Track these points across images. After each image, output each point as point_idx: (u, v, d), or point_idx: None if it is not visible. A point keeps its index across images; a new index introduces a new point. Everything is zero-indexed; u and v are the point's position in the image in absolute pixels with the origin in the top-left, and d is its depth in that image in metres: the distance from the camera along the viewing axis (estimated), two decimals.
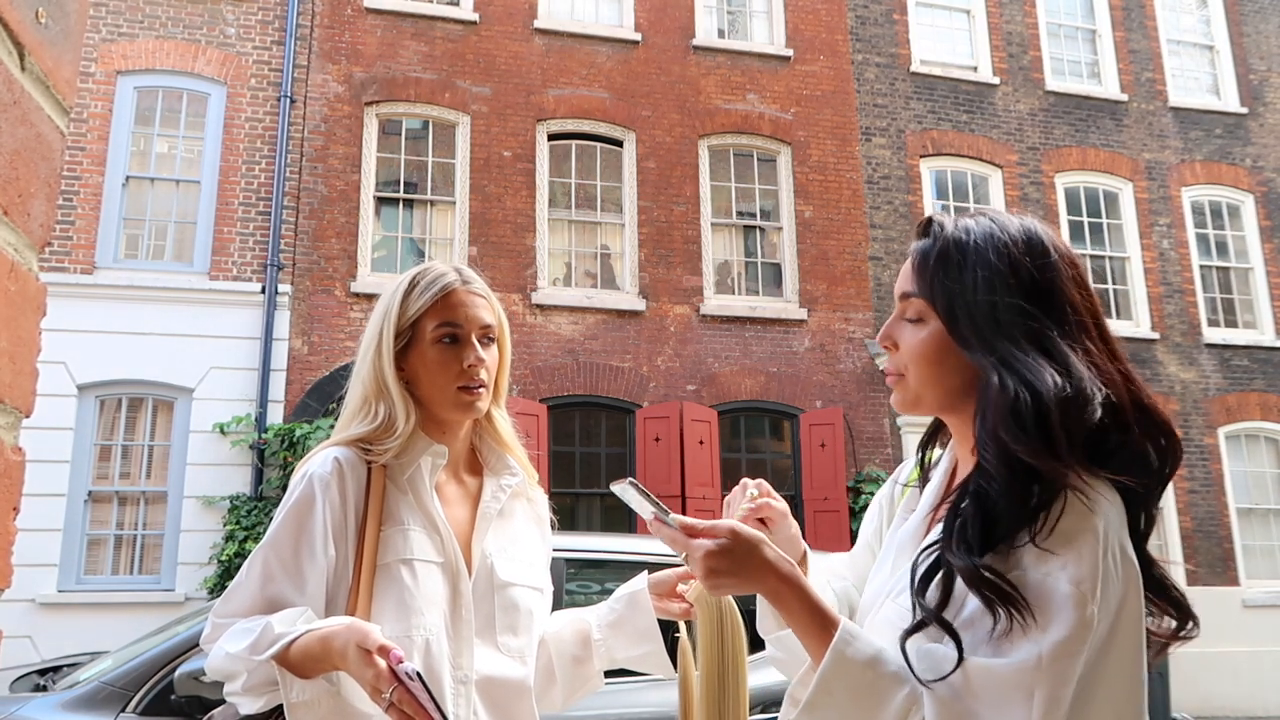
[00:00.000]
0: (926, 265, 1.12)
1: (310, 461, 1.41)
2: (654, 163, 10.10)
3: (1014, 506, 0.99)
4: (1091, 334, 1.07)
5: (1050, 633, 0.92)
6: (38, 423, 7.33)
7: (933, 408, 1.15)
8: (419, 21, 9.81)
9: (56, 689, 3.43)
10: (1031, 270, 1.07)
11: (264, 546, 1.35)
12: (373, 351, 1.45)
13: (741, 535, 1.06)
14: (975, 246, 1.09)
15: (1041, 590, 0.94)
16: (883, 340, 1.17)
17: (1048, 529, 0.96)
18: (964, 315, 1.07)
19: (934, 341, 1.10)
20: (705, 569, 1.06)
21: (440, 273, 1.48)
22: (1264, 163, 12.07)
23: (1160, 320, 11.12)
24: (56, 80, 0.66)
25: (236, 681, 1.27)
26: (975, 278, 1.07)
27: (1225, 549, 10.55)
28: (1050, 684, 0.91)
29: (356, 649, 1.16)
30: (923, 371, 1.12)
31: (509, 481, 1.53)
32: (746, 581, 1.06)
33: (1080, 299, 1.08)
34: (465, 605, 1.40)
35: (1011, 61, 11.53)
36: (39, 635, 7.36)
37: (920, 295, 1.12)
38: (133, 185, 8.84)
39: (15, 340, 0.62)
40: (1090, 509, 0.97)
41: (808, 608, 1.03)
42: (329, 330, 8.87)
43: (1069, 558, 0.95)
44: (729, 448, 9.64)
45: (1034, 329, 1.04)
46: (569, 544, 3.68)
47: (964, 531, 1.00)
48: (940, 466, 1.22)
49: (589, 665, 1.55)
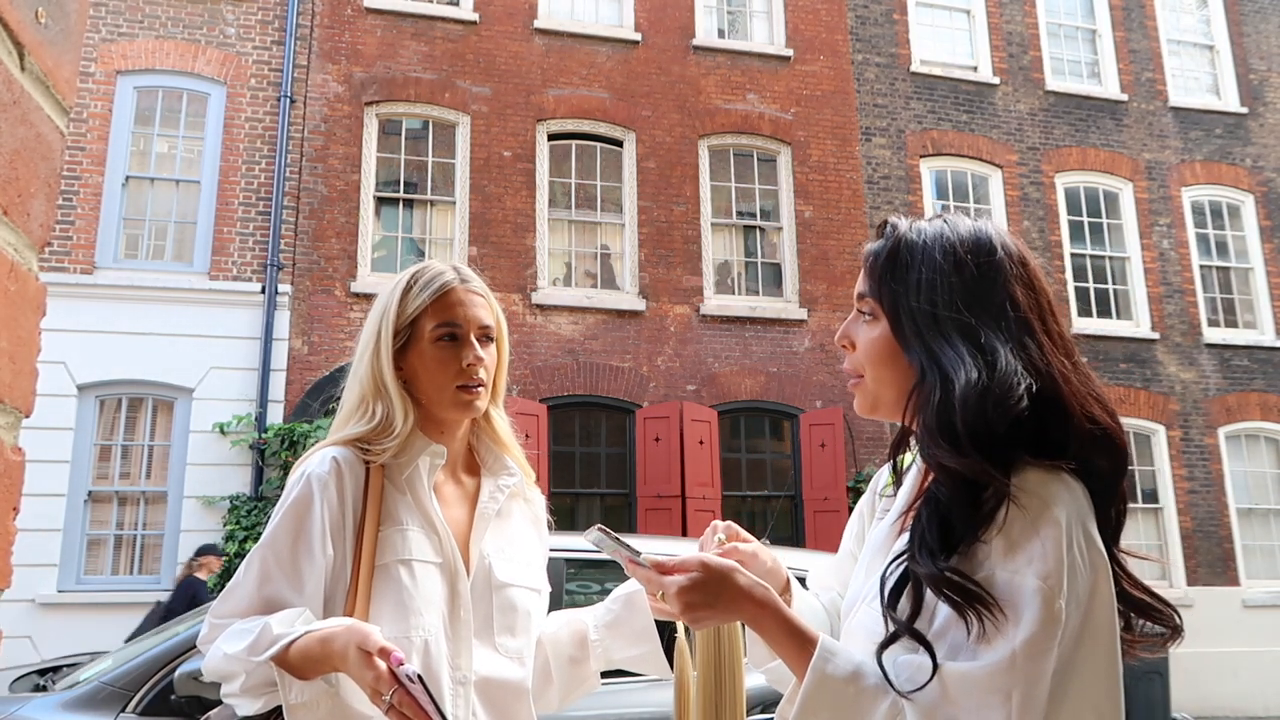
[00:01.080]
0: (876, 265, 1.15)
1: (308, 461, 1.40)
2: (654, 163, 10.10)
3: (964, 507, 0.99)
4: (1035, 330, 1.07)
5: (1021, 630, 0.93)
6: (38, 423, 7.33)
7: (891, 410, 1.15)
8: (419, 21, 9.81)
9: (56, 689, 3.43)
10: (974, 268, 1.08)
11: (261, 547, 1.33)
12: (370, 350, 1.45)
13: (712, 566, 1.07)
14: (923, 246, 1.11)
15: (1010, 588, 0.95)
16: (840, 340, 1.20)
17: (1006, 527, 0.97)
18: (905, 314, 1.09)
19: (884, 341, 1.13)
20: (682, 604, 1.07)
21: (438, 271, 1.48)
22: (1264, 163, 12.07)
23: (1160, 320, 11.12)
24: (56, 80, 0.66)
25: (235, 683, 1.27)
26: (919, 277, 1.09)
27: (1225, 549, 10.55)
28: (1025, 682, 0.92)
29: (357, 650, 1.16)
30: (877, 372, 1.14)
31: (507, 482, 1.52)
32: (723, 611, 1.07)
33: (1025, 297, 1.09)
34: (464, 606, 1.39)
35: (1011, 61, 11.53)
36: (39, 635, 7.36)
37: (870, 295, 1.15)
38: (133, 185, 8.84)
39: (15, 340, 0.62)
40: (1048, 501, 0.98)
41: (785, 628, 1.04)
42: (329, 330, 8.87)
43: (1034, 553, 0.95)
44: (729, 448, 9.64)
45: (968, 325, 1.06)
46: (569, 544, 3.67)
47: (923, 539, 1.01)
48: (912, 470, 1.22)
49: (586, 666, 1.54)
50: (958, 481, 1.00)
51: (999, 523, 0.97)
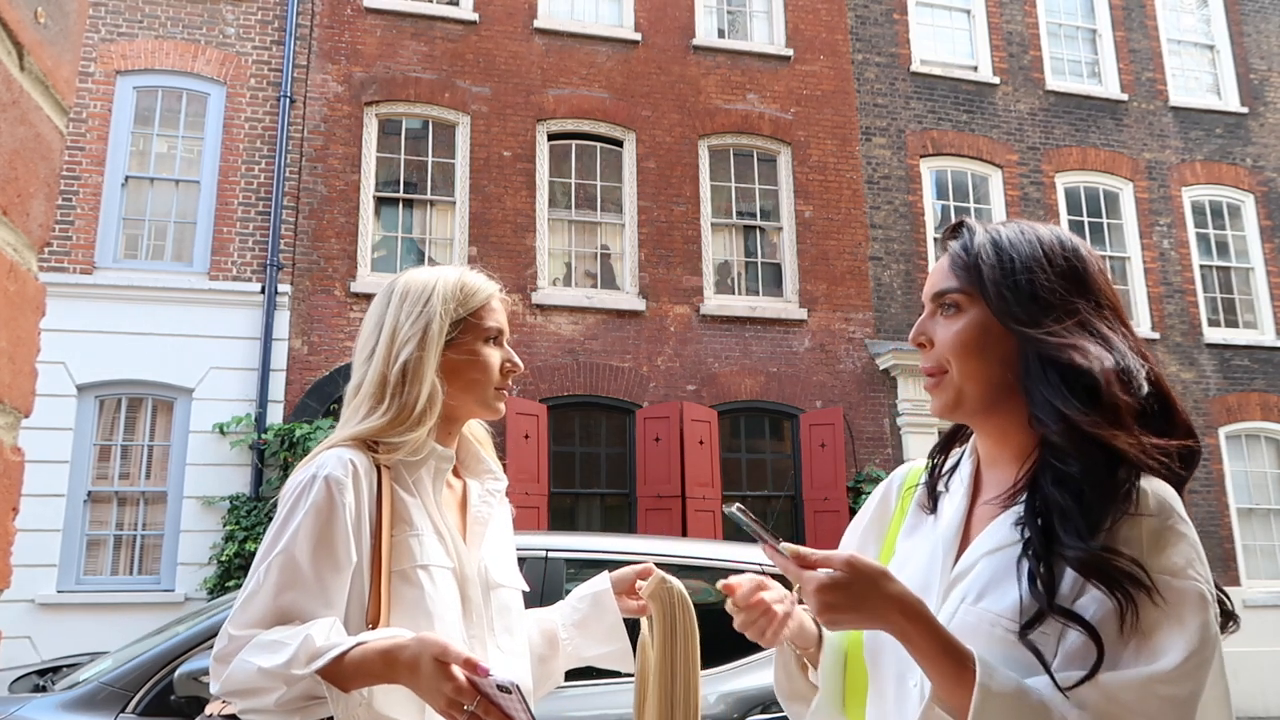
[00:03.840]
0: (966, 257, 1.13)
1: (321, 463, 1.34)
2: (654, 163, 10.10)
3: (1100, 486, 0.98)
4: (1123, 321, 1.09)
5: (1187, 637, 0.91)
6: (38, 423, 7.34)
7: (975, 406, 1.12)
8: (419, 21, 9.81)
9: (56, 689, 3.43)
10: (1065, 257, 1.10)
11: (279, 553, 1.27)
12: (415, 342, 1.41)
13: (859, 567, 0.99)
14: (1009, 240, 1.12)
15: (1170, 591, 0.93)
16: (916, 338, 1.16)
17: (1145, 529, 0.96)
18: (1009, 293, 1.08)
19: (974, 328, 1.10)
20: (820, 603, 0.99)
21: (482, 278, 1.54)
22: (1264, 162, 12.07)
23: (1160, 320, 11.13)
24: (56, 80, 0.65)
25: (267, 697, 1.20)
26: (1014, 262, 1.09)
27: (1225, 549, 10.55)
28: (1193, 693, 0.90)
29: (433, 662, 1.13)
30: (965, 364, 1.11)
31: (494, 486, 1.54)
32: (867, 617, 0.99)
33: (1109, 291, 1.10)
34: (474, 609, 1.40)
35: (1011, 61, 11.53)
36: (39, 635, 7.36)
37: (960, 285, 1.12)
38: (132, 185, 8.84)
39: (15, 340, 0.62)
40: (1173, 505, 0.98)
41: (939, 644, 0.97)
42: (329, 330, 8.87)
43: (1190, 556, 0.94)
44: (729, 448, 9.64)
45: (1074, 308, 1.06)
46: (569, 544, 3.68)
47: (1066, 520, 0.98)
48: (962, 470, 1.20)
49: (554, 664, 1.57)
50: (1095, 458, 0.98)
51: (1133, 504, 0.96)
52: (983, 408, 1.12)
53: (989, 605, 1.02)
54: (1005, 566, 1.03)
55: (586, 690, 3.02)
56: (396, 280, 1.51)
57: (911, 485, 1.28)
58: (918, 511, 1.23)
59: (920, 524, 1.22)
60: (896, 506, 1.29)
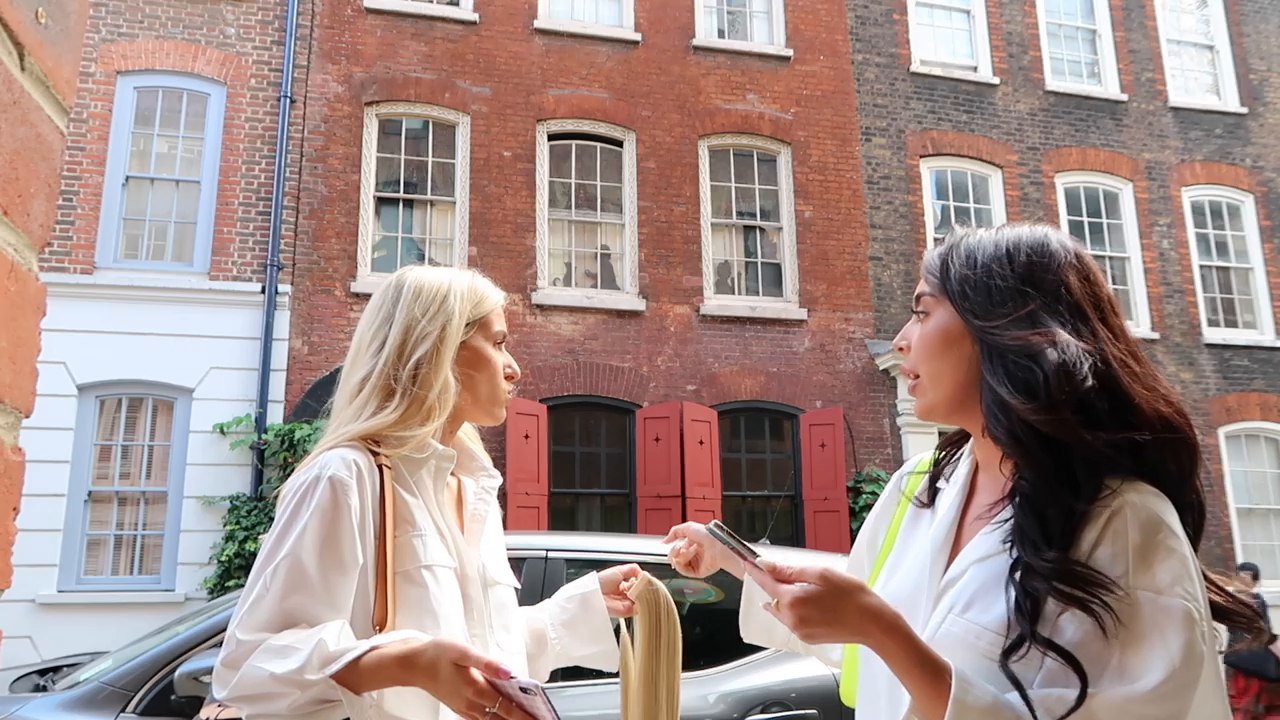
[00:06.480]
0: (938, 263, 1.17)
1: (324, 464, 1.32)
2: (654, 163, 10.10)
3: (1055, 491, 0.98)
4: (1090, 318, 1.08)
5: (1170, 656, 0.90)
6: (38, 423, 7.34)
7: (945, 408, 1.15)
8: (419, 21, 9.81)
9: (56, 689, 3.43)
10: (1029, 255, 1.11)
11: (286, 556, 1.25)
12: (433, 338, 1.41)
13: (834, 581, 0.99)
14: (980, 241, 1.15)
15: (1155, 609, 0.92)
16: (897, 342, 1.21)
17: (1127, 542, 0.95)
18: (970, 290, 1.11)
19: (937, 329, 1.13)
20: (795, 617, 0.99)
21: (489, 283, 1.56)
22: (1264, 163, 12.07)
23: (1160, 320, 11.13)
24: (56, 80, 0.66)
25: (279, 702, 1.18)
26: (977, 261, 1.12)
27: (1225, 549, 10.55)
28: (1176, 713, 0.89)
29: (452, 666, 1.13)
30: (929, 366, 1.14)
31: (490, 484, 1.55)
32: (842, 631, 0.99)
33: (1080, 286, 1.10)
34: (476, 608, 1.40)
35: (1011, 61, 11.53)
36: (39, 635, 7.36)
37: (930, 289, 1.16)
38: (133, 185, 8.84)
39: (15, 340, 0.62)
40: (1162, 515, 0.97)
41: (915, 656, 0.97)
42: (329, 330, 8.87)
43: (1176, 571, 0.93)
44: (729, 448, 9.64)
45: (1027, 303, 1.08)
46: (569, 544, 3.67)
47: (1023, 536, 0.99)
48: (960, 469, 1.21)
49: (540, 662, 1.58)
50: (1043, 460, 0.99)
51: (1101, 501, 0.96)
52: (951, 409, 1.15)
53: (974, 617, 1.02)
54: (994, 575, 1.03)
55: (587, 690, 3.02)
56: (402, 277, 1.50)
57: (919, 473, 1.30)
58: (917, 505, 1.26)
59: (919, 518, 1.24)
60: (902, 494, 1.31)
